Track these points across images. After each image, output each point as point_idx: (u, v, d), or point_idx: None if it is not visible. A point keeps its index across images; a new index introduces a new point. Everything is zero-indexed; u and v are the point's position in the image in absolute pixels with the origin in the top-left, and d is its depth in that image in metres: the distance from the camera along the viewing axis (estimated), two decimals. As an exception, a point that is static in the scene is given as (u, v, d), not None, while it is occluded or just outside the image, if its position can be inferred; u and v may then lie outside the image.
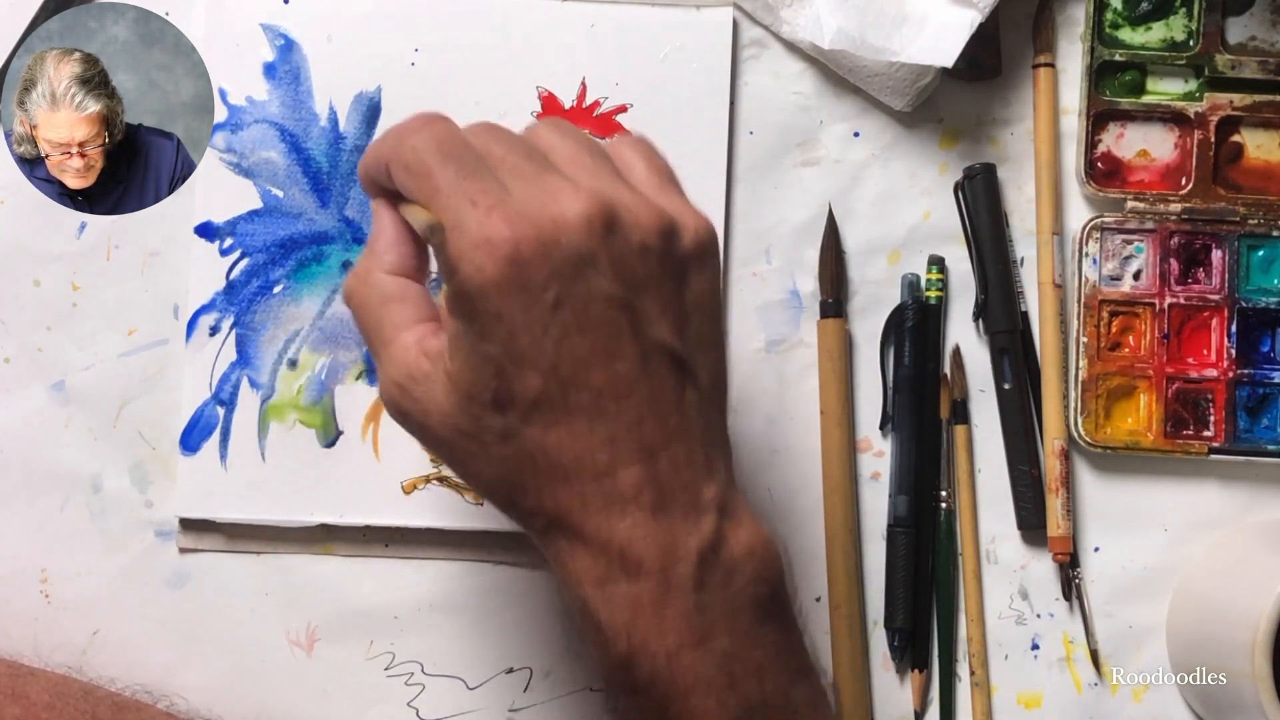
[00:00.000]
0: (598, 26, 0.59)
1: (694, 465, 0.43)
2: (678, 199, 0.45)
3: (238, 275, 0.58)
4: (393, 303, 0.45)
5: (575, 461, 0.42)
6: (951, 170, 0.60)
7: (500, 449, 0.42)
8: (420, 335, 0.44)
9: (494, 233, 0.40)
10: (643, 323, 0.42)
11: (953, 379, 0.59)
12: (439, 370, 0.43)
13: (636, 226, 0.42)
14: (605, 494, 0.42)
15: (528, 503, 0.43)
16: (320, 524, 0.58)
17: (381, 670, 0.58)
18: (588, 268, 0.41)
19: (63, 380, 0.59)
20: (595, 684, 0.58)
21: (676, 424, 0.42)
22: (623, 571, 0.42)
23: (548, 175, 0.42)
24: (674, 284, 0.43)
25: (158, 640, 0.58)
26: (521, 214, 0.41)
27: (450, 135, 0.43)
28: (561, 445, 0.42)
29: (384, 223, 0.46)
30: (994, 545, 0.59)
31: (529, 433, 0.42)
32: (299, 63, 0.59)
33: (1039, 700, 0.59)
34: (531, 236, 0.40)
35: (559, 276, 0.41)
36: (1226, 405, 0.58)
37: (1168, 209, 0.59)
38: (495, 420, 0.42)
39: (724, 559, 0.42)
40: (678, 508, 0.42)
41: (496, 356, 0.41)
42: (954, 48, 0.56)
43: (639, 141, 0.47)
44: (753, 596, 0.43)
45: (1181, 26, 0.59)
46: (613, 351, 0.41)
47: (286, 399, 0.58)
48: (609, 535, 0.42)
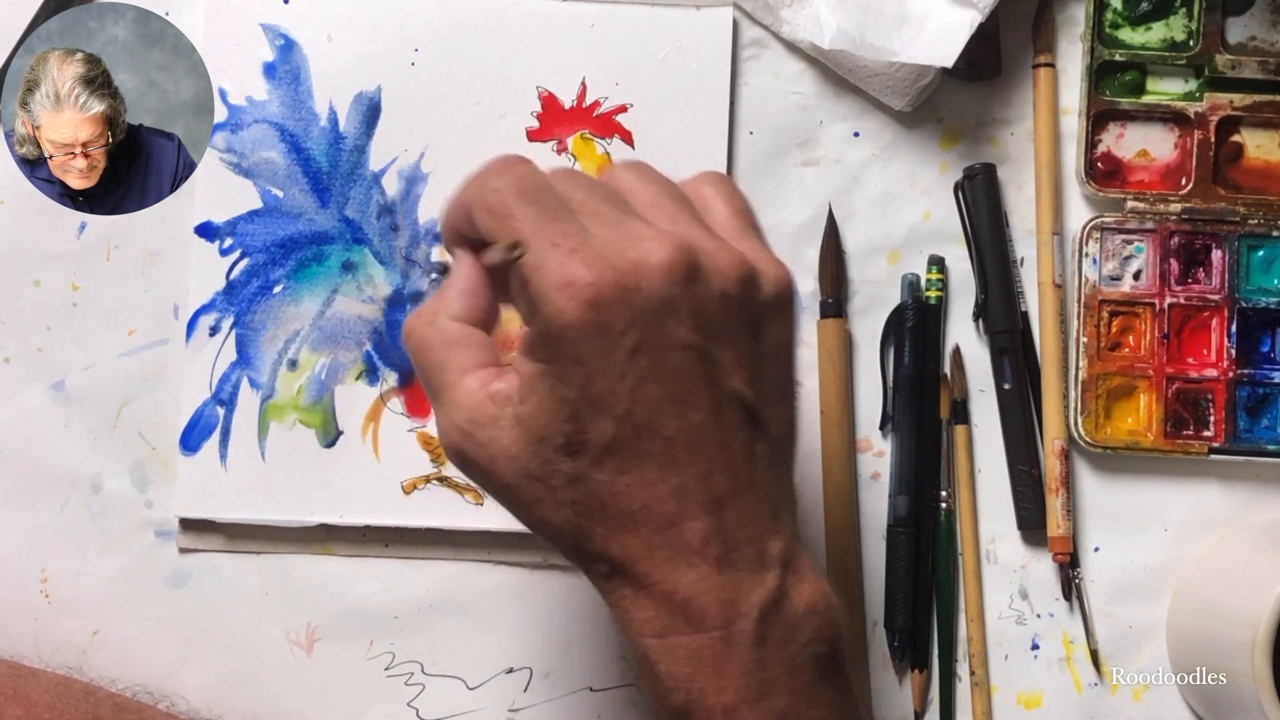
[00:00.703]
0: (598, 26, 0.59)
1: (761, 519, 0.42)
2: (758, 244, 0.44)
3: (238, 275, 0.58)
4: (456, 346, 0.44)
5: (644, 509, 0.41)
6: (951, 170, 0.60)
7: (568, 493, 0.42)
8: (484, 379, 0.43)
9: (576, 275, 0.40)
10: (718, 372, 0.42)
11: (953, 379, 0.59)
12: (507, 414, 0.42)
13: (717, 273, 0.42)
14: (672, 544, 0.41)
15: (593, 548, 0.42)
16: (320, 524, 0.58)
17: (381, 670, 0.58)
18: (668, 315, 0.41)
19: (63, 380, 0.59)
20: (595, 684, 0.58)
21: (746, 476, 0.42)
22: (685, 623, 0.41)
23: (629, 219, 0.42)
24: (751, 333, 0.43)
25: (158, 640, 0.58)
26: (603, 257, 0.40)
27: (532, 178, 0.43)
28: (631, 492, 0.41)
29: (462, 271, 0.45)
30: (994, 545, 0.59)
31: (599, 478, 0.41)
32: (299, 63, 0.59)
33: (1039, 700, 0.59)
34: (613, 281, 0.40)
35: (639, 322, 0.40)
36: (1226, 405, 0.58)
37: (1168, 209, 0.59)
38: (566, 464, 0.41)
39: (786, 615, 0.42)
40: (743, 561, 0.42)
41: (572, 400, 0.41)
42: (954, 48, 0.56)
43: (720, 180, 0.46)
44: (812, 655, 0.42)
45: (1181, 26, 0.59)
46: (687, 400, 0.41)
47: (286, 399, 0.58)
48: (674, 586, 0.41)
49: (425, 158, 0.59)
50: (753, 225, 0.45)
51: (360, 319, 0.59)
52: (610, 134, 0.59)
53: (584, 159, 0.59)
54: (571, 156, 0.59)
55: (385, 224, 0.59)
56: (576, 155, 0.59)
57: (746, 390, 0.42)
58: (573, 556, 0.43)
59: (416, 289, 0.59)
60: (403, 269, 0.59)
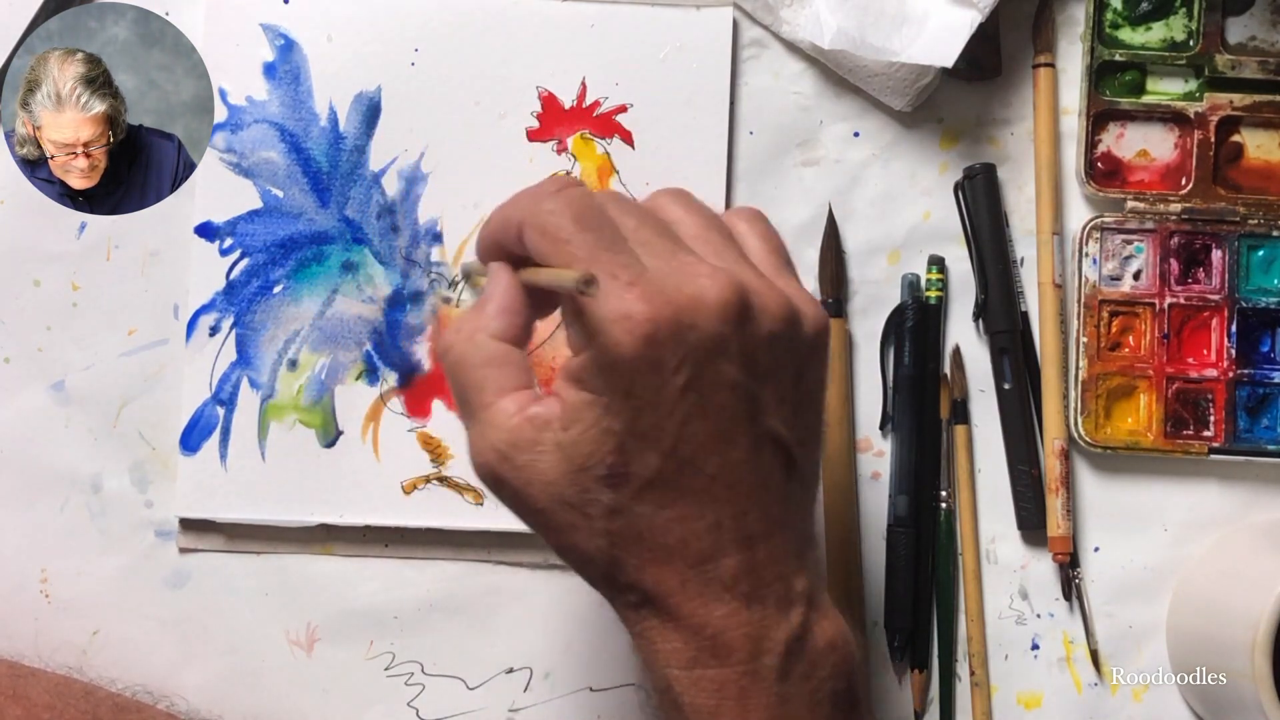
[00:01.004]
0: (598, 26, 0.59)
1: (788, 556, 0.43)
2: (795, 282, 0.45)
3: (238, 275, 0.58)
4: (495, 366, 0.43)
5: (680, 544, 0.41)
6: (951, 170, 0.60)
7: (605, 523, 0.42)
8: (522, 402, 0.43)
9: (634, 309, 0.40)
10: (760, 412, 0.42)
11: (953, 379, 0.59)
12: (547, 439, 0.42)
13: (765, 313, 0.42)
14: (705, 578, 0.42)
15: (626, 579, 0.42)
16: (320, 524, 0.58)
17: (381, 670, 0.58)
18: (719, 354, 0.41)
19: (63, 380, 0.59)
20: (595, 684, 0.58)
21: (778, 514, 0.43)
22: (713, 656, 0.42)
23: (681, 252, 0.42)
24: (793, 375, 0.43)
25: (158, 640, 0.58)
26: (661, 292, 0.40)
27: (588, 202, 0.42)
28: (670, 526, 0.41)
29: (500, 287, 0.44)
30: (994, 545, 0.59)
31: (639, 511, 0.41)
32: (299, 63, 0.59)
33: (1039, 700, 0.59)
34: (670, 317, 0.40)
35: (691, 360, 0.41)
36: (1226, 405, 0.58)
37: (1168, 209, 0.59)
38: (605, 495, 0.41)
39: (808, 651, 0.43)
40: (771, 598, 0.42)
41: (619, 432, 0.41)
42: (954, 48, 0.56)
43: (755, 216, 0.46)
44: (832, 690, 0.43)
45: (1181, 26, 0.59)
46: (730, 438, 0.41)
47: (286, 399, 0.58)
48: (704, 620, 0.42)
49: (425, 158, 0.59)
50: (788, 260, 0.46)
51: (360, 319, 0.59)
52: (610, 134, 0.59)
53: (584, 159, 0.59)
54: (571, 156, 0.59)
55: (385, 224, 0.59)
56: (576, 155, 0.59)
57: (785, 431, 0.43)
58: (600, 584, 0.43)
59: (416, 289, 0.59)
60: (403, 269, 0.59)
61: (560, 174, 0.44)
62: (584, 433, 0.41)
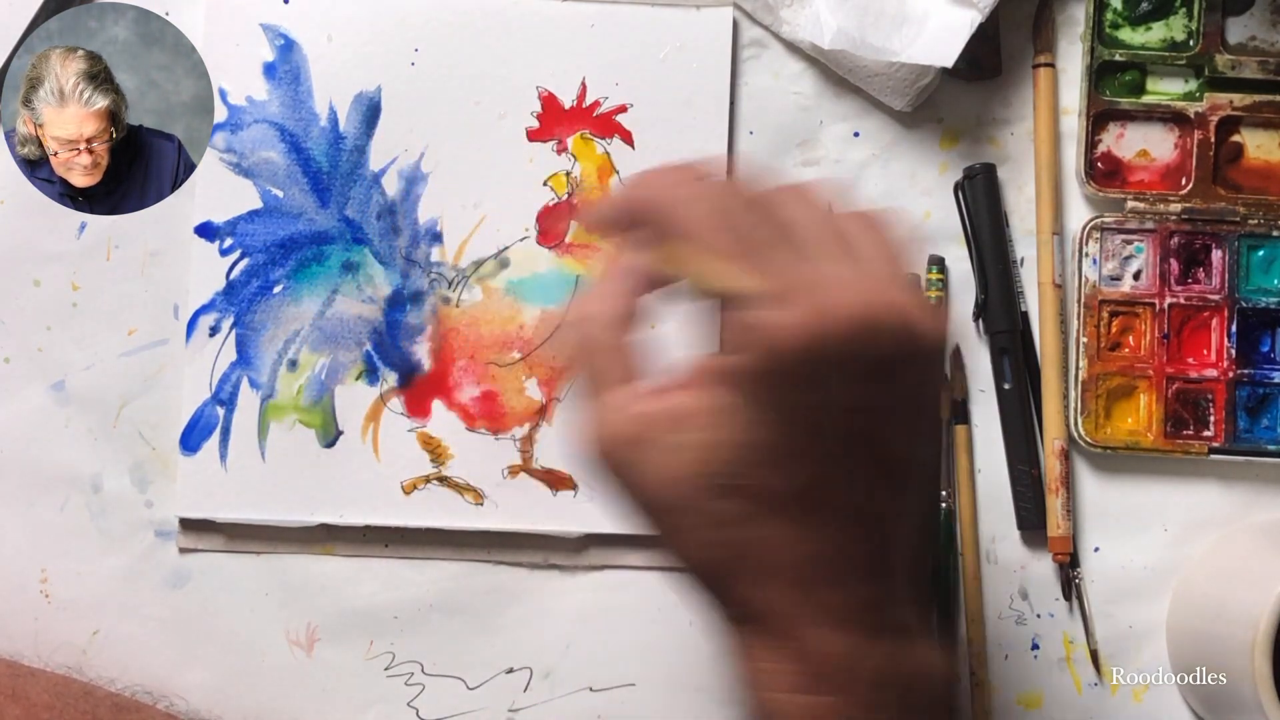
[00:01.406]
0: (598, 26, 0.59)
1: (902, 586, 0.42)
2: (918, 295, 0.43)
3: (238, 275, 0.58)
4: (626, 352, 0.42)
5: (794, 566, 0.40)
6: (951, 170, 0.60)
7: (718, 533, 0.40)
8: (652, 394, 0.41)
9: (787, 319, 0.38)
10: (886, 440, 0.40)
11: (953, 379, 0.59)
12: (673, 438, 0.40)
13: (904, 332, 0.39)
14: (816, 603, 0.40)
15: (735, 593, 0.41)
16: (320, 524, 0.58)
17: (381, 670, 0.58)
18: (861, 375, 0.39)
19: (63, 380, 0.59)
20: (595, 684, 0.58)
21: (894, 544, 0.41)
22: (816, 682, 0.40)
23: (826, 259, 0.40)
24: (916, 401, 0.41)
25: (158, 640, 0.58)
26: (812, 303, 0.38)
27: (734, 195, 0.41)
28: (785, 547, 0.40)
29: (630, 271, 0.43)
30: (994, 545, 0.59)
31: (757, 526, 0.40)
32: (299, 63, 0.59)
33: (1039, 700, 0.59)
34: (818, 330, 0.38)
35: (828, 378, 0.39)
36: (1226, 405, 0.58)
37: (1168, 209, 0.59)
38: (725, 505, 0.40)
39: (905, 680, 0.41)
40: (882, 629, 0.41)
41: (756, 444, 0.39)
42: (954, 48, 0.56)
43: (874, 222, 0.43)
44: None
45: (1181, 26, 0.59)
46: (855, 464, 0.40)
47: (286, 399, 0.58)
48: (808, 645, 0.40)
49: (425, 158, 0.59)
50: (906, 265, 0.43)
51: (360, 319, 0.59)
52: (610, 134, 0.59)
53: (584, 159, 0.59)
54: (571, 157, 0.59)
55: (385, 224, 0.59)
56: (576, 155, 0.59)
57: (909, 460, 0.41)
58: (703, 591, 0.42)
59: (416, 289, 0.59)
60: (403, 269, 0.59)
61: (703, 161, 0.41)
62: (718, 437, 0.40)
